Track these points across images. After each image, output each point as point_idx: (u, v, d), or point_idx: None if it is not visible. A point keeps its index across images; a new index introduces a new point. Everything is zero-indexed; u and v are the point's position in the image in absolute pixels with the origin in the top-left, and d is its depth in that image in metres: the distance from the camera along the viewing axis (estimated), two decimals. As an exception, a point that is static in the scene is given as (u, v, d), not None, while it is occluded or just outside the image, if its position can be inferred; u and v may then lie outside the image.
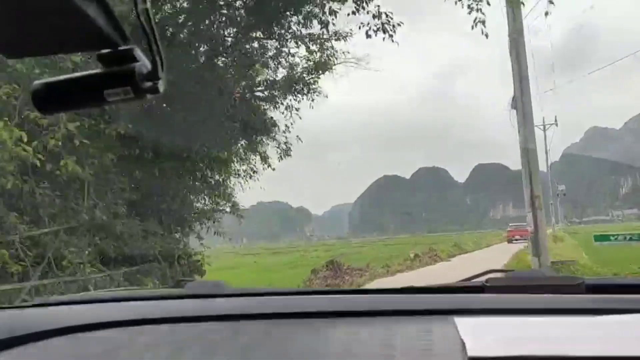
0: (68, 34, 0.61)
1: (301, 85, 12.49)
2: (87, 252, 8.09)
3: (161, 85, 0.65)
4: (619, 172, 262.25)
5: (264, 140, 12.63)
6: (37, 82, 0.65)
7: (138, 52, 0.63)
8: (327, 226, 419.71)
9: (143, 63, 0.63)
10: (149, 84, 0.64)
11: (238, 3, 10.85)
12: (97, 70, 0.64)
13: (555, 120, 54.03)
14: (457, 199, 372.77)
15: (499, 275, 1.51)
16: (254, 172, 12.96)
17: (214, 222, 11.84)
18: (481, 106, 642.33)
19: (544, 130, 53.50)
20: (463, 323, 1.01)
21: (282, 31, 11.27)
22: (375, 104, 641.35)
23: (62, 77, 0.65)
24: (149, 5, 0.59)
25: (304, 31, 11.42)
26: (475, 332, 0.95)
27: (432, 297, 1.26)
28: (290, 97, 12.51)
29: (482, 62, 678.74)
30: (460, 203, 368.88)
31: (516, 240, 40.49)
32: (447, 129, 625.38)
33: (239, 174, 12.68)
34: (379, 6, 10.07)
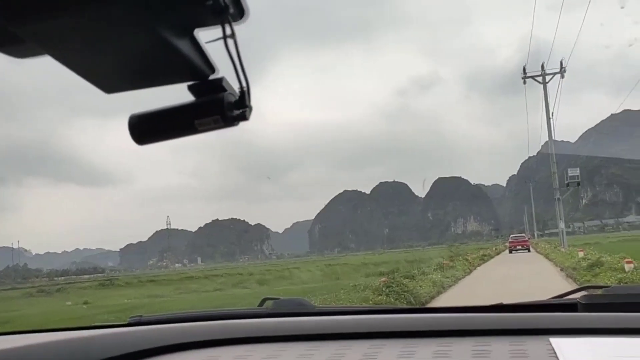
0: (161, 68, 0.65)
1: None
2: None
3: (248, 113, 0.67)
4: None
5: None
6: (133, 114, 0.68)
7: (226, 82, 0.66)
8: (288, 244, 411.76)
9: (231, 92, 0.66)
10: (237, 111, 0.66)
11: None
12: (188, 101, 0.66)
13: (562, 67, 36.95)
14: (419, 213, 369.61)
15: (595, 291, 1.45)
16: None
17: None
18: (441, 121, 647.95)
19: (544, 82, 37.78)
20: (560, 343, 0.96)
21: None
22: (335, 121, 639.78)
23: (155, 109, 0.67)
24: (235, 35, 0.61)
25: None
26: (573, 353, 0.90)
27: (523, 315, 1.19)
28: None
29: (442, 79, 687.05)
30: (422, 218, 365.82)
31: (516, 250, 45.86)
32: (407, 144, 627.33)
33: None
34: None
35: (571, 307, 1.28)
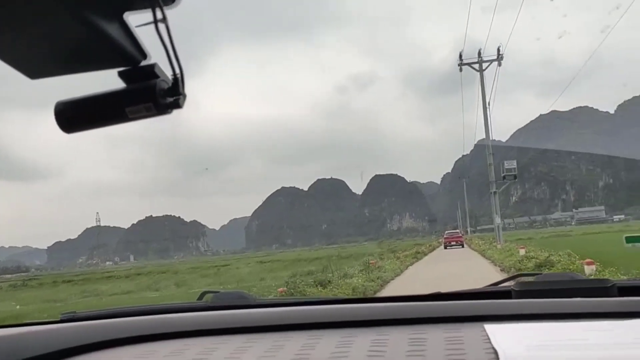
0: (89, 53, 0.62)
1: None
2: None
3: (182, 100, 0.65)
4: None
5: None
6: (59, 101, 0.65)
7: (159, 68, 0.64)
8: (224, 240, 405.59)
9: (164, 78, 0.63)
10: (170, 99, 0.64)
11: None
12: (118, 87, 0.64)
13: (499, 54, 34.89)
14: (356, 210, 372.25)
15: (527, 278, 1.54)
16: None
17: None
18: (379, 119, 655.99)
19: (481, 70, 35.69)
20: (494, 329, 0.99)
21: None
22: (274, 117, 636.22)
23: (84, 96, 0.65)
24: (167, 20, 0.59)
25: None
26: (507, 338, 0.92)
27: (459, 303, 1.21)
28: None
29: (380, 78, 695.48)
30: (359, 214, 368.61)
31: (451, 246, 46.25)
32: (345, 141, 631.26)
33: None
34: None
35: (506, 294, 1.32)
